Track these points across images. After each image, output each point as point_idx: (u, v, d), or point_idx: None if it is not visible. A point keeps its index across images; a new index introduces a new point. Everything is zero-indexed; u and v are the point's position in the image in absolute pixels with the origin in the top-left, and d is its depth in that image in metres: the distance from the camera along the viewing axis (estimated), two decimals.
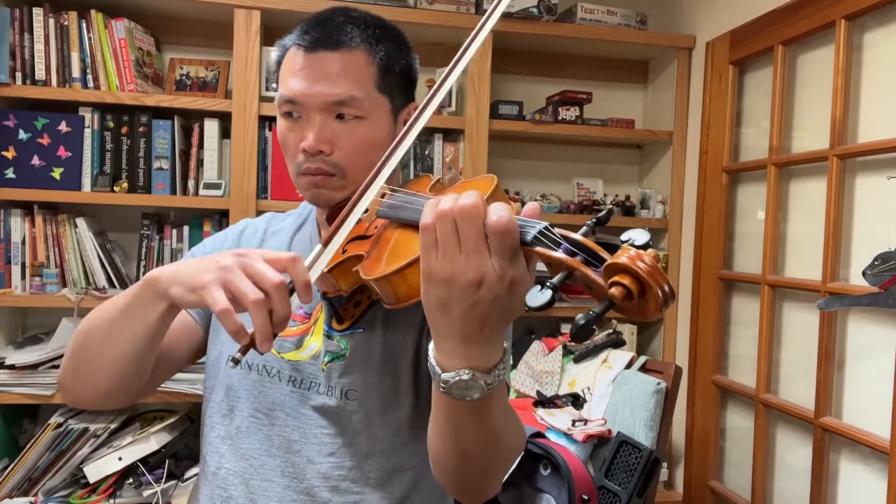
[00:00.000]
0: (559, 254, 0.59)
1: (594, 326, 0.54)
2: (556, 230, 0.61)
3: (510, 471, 0.83)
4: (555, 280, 0.57)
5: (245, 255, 0.73)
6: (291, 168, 0.95)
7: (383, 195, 0.88)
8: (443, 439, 0.74)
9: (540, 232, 0.61)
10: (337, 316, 0.95)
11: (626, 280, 0.54)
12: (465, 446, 0.72)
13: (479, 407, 0.68)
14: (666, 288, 0.54)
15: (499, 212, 0.60)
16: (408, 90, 0.99)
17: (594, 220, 0.62)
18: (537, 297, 0.56)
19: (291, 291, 0.72)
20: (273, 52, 0.97)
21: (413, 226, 0.77)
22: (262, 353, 0.72)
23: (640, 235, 0.57)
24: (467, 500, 0.83)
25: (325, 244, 0.76)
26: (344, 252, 0.85)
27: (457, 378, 0.64)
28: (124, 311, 0.82)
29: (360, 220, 0.86)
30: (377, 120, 0.93)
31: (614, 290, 0.54)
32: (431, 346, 0.67)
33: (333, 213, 0.94)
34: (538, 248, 0.60)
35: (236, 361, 0.71)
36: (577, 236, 0.60)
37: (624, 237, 0.58)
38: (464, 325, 0.62)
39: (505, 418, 0.74)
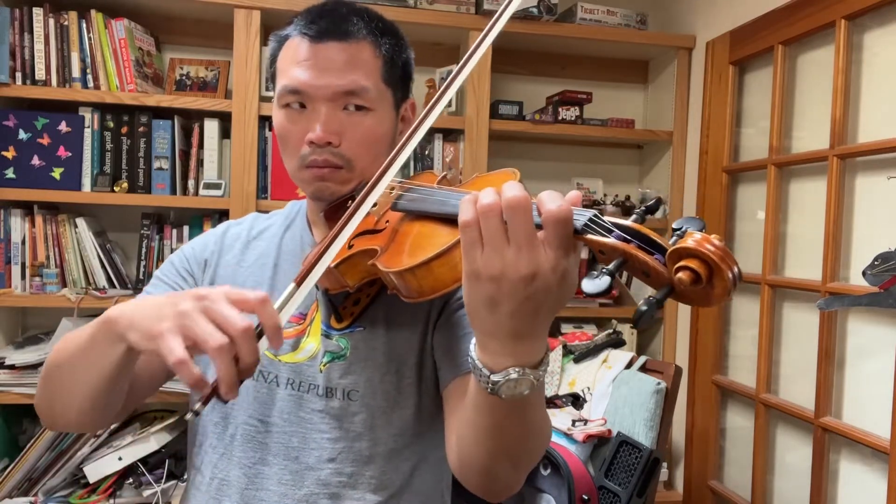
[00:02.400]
0: (612, 240, 0.57)
1: (654, 313, 0.53)
2: (606, 217, 0.59)
3: None
4: (610, 266, 0.55)
5: (207, 298, 0.66)
6: (292, 163, 0.92)
7: (392, 189, 0.87)
8: (480, 441, 0.71)
9: (590, 220, 0.59)
10: (336, 314, 0.93)
11: (693, 264, 0.52)
12: (504, 444, 0.70)
13: (522, 403, 0.65)
14: (735, 270, 0.53)
15: (555, 200, 0.57)
16: (406, 85, 0.99)
17: (644, 207, 0.60)
18: (595, 283, 0.55)
19: (260, 335, 0.66)
20: (270, 42, 0.97)
21: (435, 218, 0.76)
22: (225, 402, 0.66)
23: (693, 223, 0.56)
24: (492, 497, 0.80)
25: (299, 283, 0.70)
26: (351, 247, 0.83)
27: (507, 378, 0.62)
28: (86, 350, 0.78)
29: (367, 214, 0.84)
30: (383, 112, 0.93)
31: (682, 275, 0.52)
32: (473, 345, 0.65)
33: (330, 211, 0.93)
34: (589, 236, 0.58)
35: (196, 413, 0.66)
36: (628, 223, 0.58)
37: (676, 225, 0.57)
38: (514, 322, 0.60)
39: (542, 410, 0.72)
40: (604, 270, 0.55)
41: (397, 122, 0.97)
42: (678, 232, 0.56)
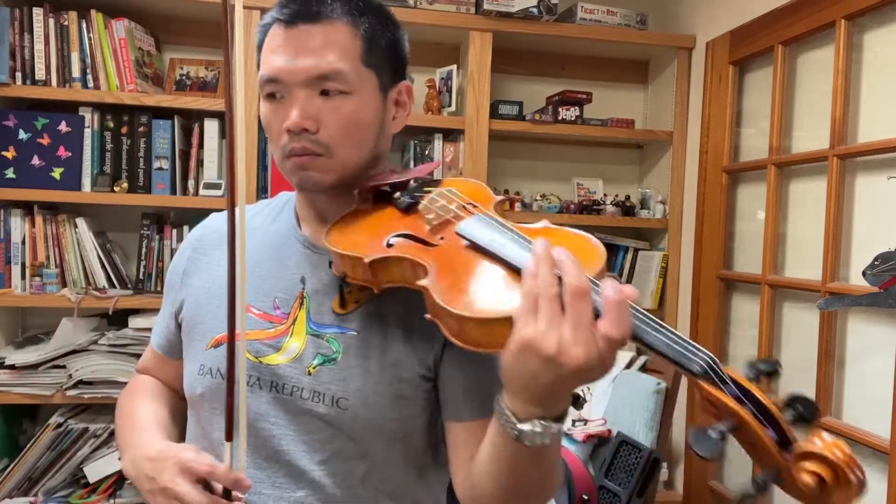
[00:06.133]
0: (729, 400, 0.55)
1: (756, 498, 0.53)
2: (724, 367, 0.58)
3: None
4: (723, 427, 0.55)
5: (167, 489, 0.77)
6: (277, 154, 0.89)
7: (454, 202, 0.81)
8: (496, 480, 0.75)
9: (709, 365, 0.58)
10: (341, 298, 0.88)
11: (821, 470, 0.51)
12: (520, 483, 0.74)
13: (543, 449, 0.69)
14: (862, 477, 0.52)
15: (620, 324, 0.59)
16: (397, 68, 0.92)
17: (763, 369, 0.58)
18: (707, 443, 0.54)
19: (228, 493, 0.78)
20: (257, 32, 0.93)
21: (505, 264, 0.70)
22: None
23: (807, 407, 0.55)
24: None
25: (229, 439, 0.78)
26: (390, 246, 0.78)
27: (532, 429, 0.66)
28: None
29: (417, 213, 0.82)
30: (364, 96, 0.87)
31: (807, 478, 0.52)
32: (504, 398, 0.68)
33: (364, 191, 0.88)
34: (706, 386, 0.57)
35: None
36: (745, 382, 0.56)
37: (788, 400, 0.56)
38: (550, 390, 0.63)
39: (559, 453, 0.76)
40: (718, 431, 0.54)
41: (386, 106, 0.91)
42: (792, 410, 0.55)
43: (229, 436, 0.77)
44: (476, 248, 0.74)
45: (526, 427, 0.65)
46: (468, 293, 0.69)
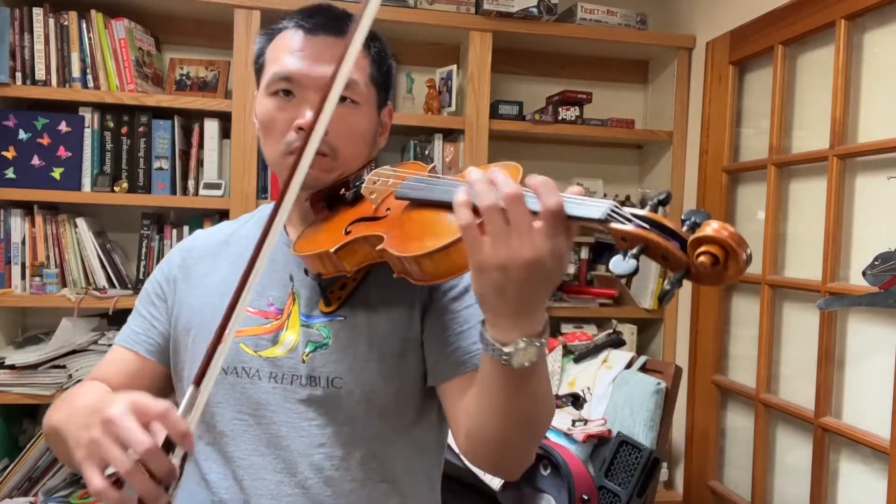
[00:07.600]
0: (634, 228, 0.63)
1: (675, 291, 0.61)
2: (625, 208, 0.66)
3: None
4: (635, 251, 0.62)
5: (111, 421, 0.67)
6: (276, 149, 0.93)
7: (390, 178, 0.89)
8: (496, 415, 0.77)
9: (612, 210, 0.65)
10: (325, 298, 0.94)
11: (713, 249, 0.60)
12: (517, 414, 0.77)
13: (531, 372, 0.72)
14: (748, 253, 0.61)
15: (552, 194, 0.64)
16: (387, 92, 1.02)
17: (657, 200, 0.66)
18: (624, 265, 0.61)
19: (170, 445, 0.67)
20: (259, 38, 1.00)
21: (440, 206, 0.79)
22: None
23: (699, 214, 0.63)
24: (508, 473, 0.87)
25: (198, 383, 0.70)
26: (348, 233, 0.86)
27: (517, 348, 0.69)
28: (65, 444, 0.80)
29: (363, 200, 0.90)
30: (368, 109, 0.96)
31: (703, 259, 0.60)
32: (483, 325, 0.72)
33: (315, 197, 0.94)
34: (612, 225, 0.64)
35: None
36: (645, 213, 0.65)
37: (684, 216, 0.64)
38: (519, 302, 0.67)
39: (547, 378, 0.79)
40: (630, 254, 0.62)
41: (378, 124, 1.00)
42: (688, 222, 0.63)
43: (198, 381, 0.70)
44: (416, 203, 0.83)
45: (511, 348, 0.69)
46: (417, 238, 0.78)
